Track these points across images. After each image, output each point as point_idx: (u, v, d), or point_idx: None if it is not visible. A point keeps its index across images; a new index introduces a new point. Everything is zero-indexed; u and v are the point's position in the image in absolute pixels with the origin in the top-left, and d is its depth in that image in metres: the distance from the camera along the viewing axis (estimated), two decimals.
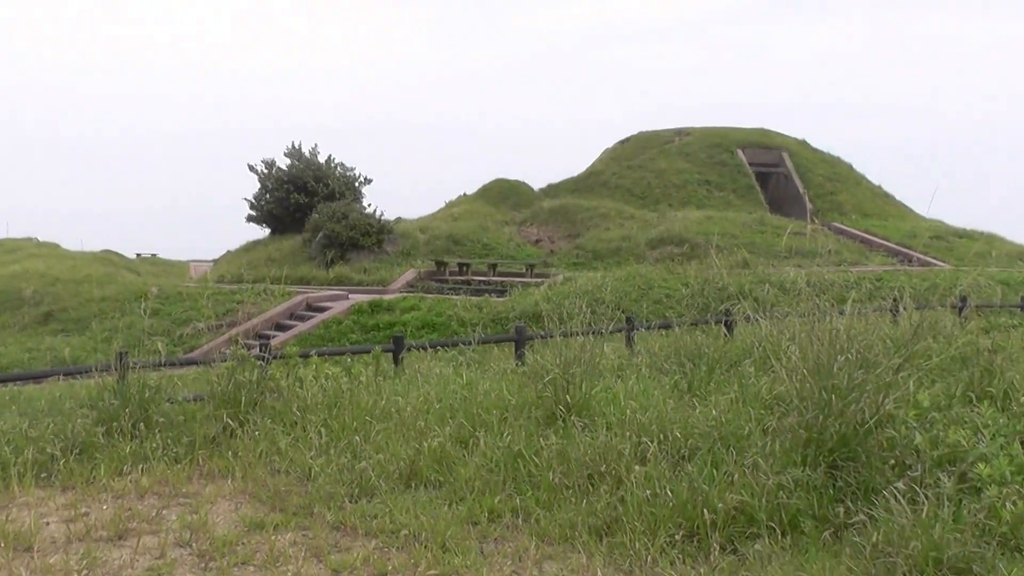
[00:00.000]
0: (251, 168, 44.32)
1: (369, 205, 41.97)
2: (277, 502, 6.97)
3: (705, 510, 5.92)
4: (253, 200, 44.50)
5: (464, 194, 49.58)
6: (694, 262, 29.05)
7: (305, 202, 41.59)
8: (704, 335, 11.30)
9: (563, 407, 8.17)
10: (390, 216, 40.84)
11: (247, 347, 10.25)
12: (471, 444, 7.78)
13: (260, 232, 45.75)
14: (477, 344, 12.78)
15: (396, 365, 11.97)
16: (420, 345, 13.14)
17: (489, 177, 50.12)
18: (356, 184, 45.22)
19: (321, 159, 44.87)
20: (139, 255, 53.92)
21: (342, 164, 45.40)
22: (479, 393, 9.07)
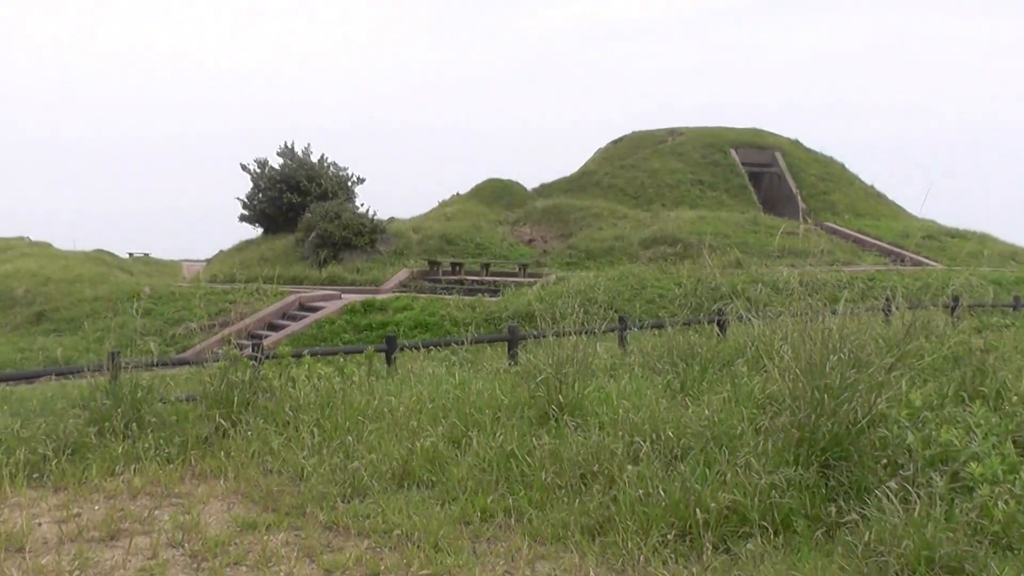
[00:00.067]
0: (244, 167, 44.30)
1: (362, 205, 42.09)
2: (270, 502, 6.97)
3: (698, 509, 5.93)
4: (246, 199, 44.45)
5: (457, 194, 49.57)
6: (687, 262, 29.04)
7: (298, 202, 41.55)
8: (697, 335, 11.30)
9: (556, 407, 8.17)
10: (383, 216, 40.90)
11: (240, 347, 10.21)
12: (464, 444, 7.77)
13: (253, 232, 45.76)
14: (470, 344, 12.77)
15: (389, 365, 11.96)
16: (413, 345, 13.15)
17: (482, 177, 50.23)
18: (349, 184, 45.18)
19: (314, 159, 44.83)
20: (131, 255, 53.74)
21: (335, 164, 45.41)
22: (472, 393, 9.07)
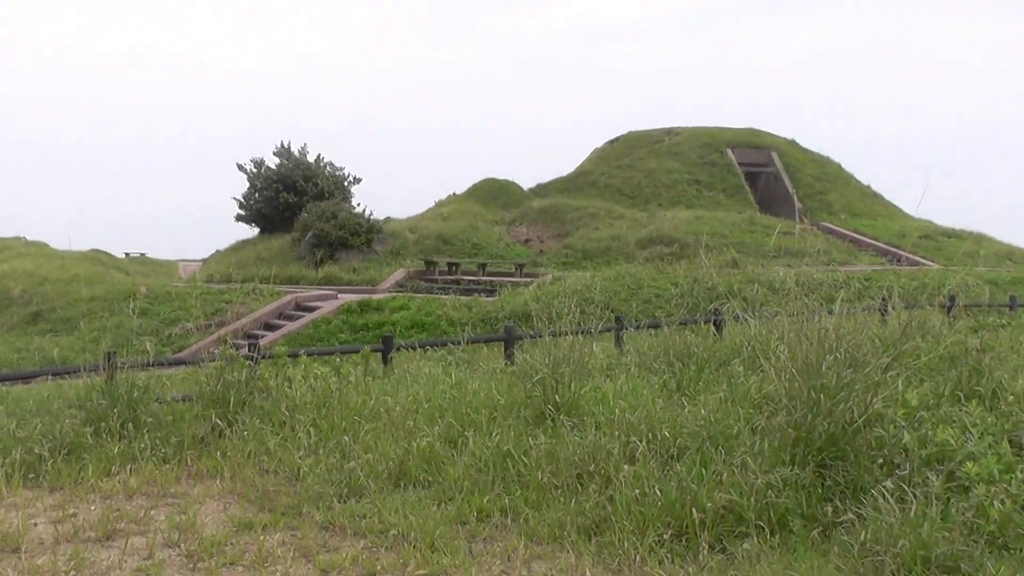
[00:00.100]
0: (240, 167, 44.23)
1: (358, 204, 41.97)
2: (266, 502, 6.96)
3: (694, 509, 5.93)
4: (242, 199, 44.41)
5: (454, 194, 49.56)
6: (683, 262, 29.07)
7: (294, 201, 41.52)
8: (693, 335, 11.31)
9: (552, 407, 8.17)
10: (379, 216, 40.86)
11: (236, 347, 10.20)
12: (460, 444, 7.77)
13: (249, 231, 45.73)
14: (466, 344, 12.78)
15: (385, 365, 11.96)
16: (409, 345, 13.15)
17: (479, 177, 50.20)
18: (345, 183, 45.15)
19: (310, 159, 44.80)
20: (128, 254, 53.71)
21: (331, 163, 45.36)
22: (468, 393, 9.07)
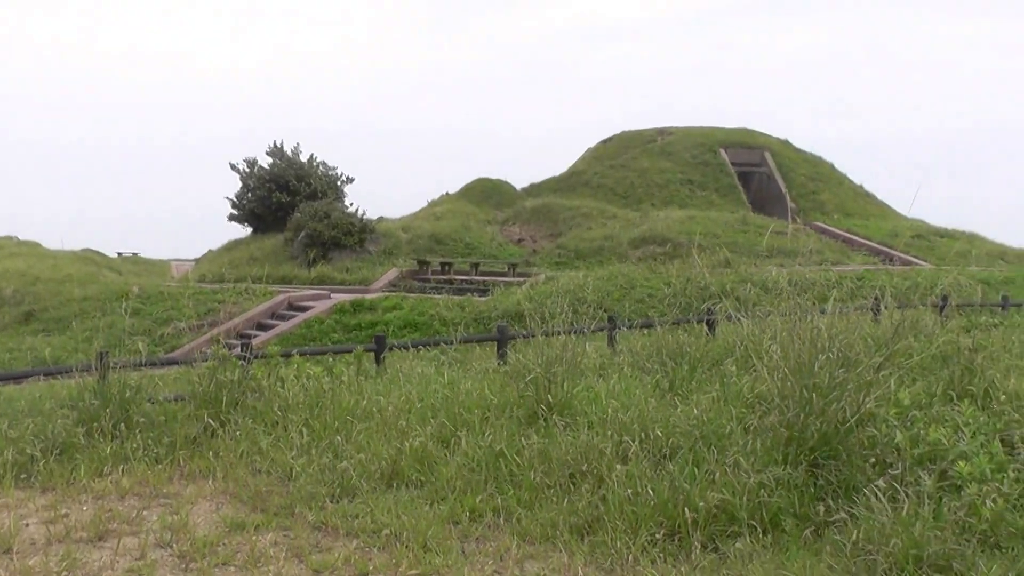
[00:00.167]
0: (233, 167, 44.10)
1: (351, 204, 41.90)
2: (258, 502, 6.96)
3: (686, 509, 5.94)
4: (235, 199, 44.29)
5: (446, 193, 49.51)
6: (676, 261, 29.05)
7: (287, 201, 41.42)
8: (686, 334, 11.31)
9: (545, 406, 8.17)
10: (372, 215, 40.79)
11: (228, 347, 10.20)
12: (453, 444, 7.77)
13: (242, 231, 45.54)
14: (459, 343, 12.78)
15: (378, 365, 11.95)
16: (402, 344, 13.13)
17: (472, 177, 50.16)
18: (338, 183, 45.05)
19: (303, 158, 44.71)
20: (120, 254, 53.50)
21: (324, 163, 45.25)
22: (461, 393, 9.06)
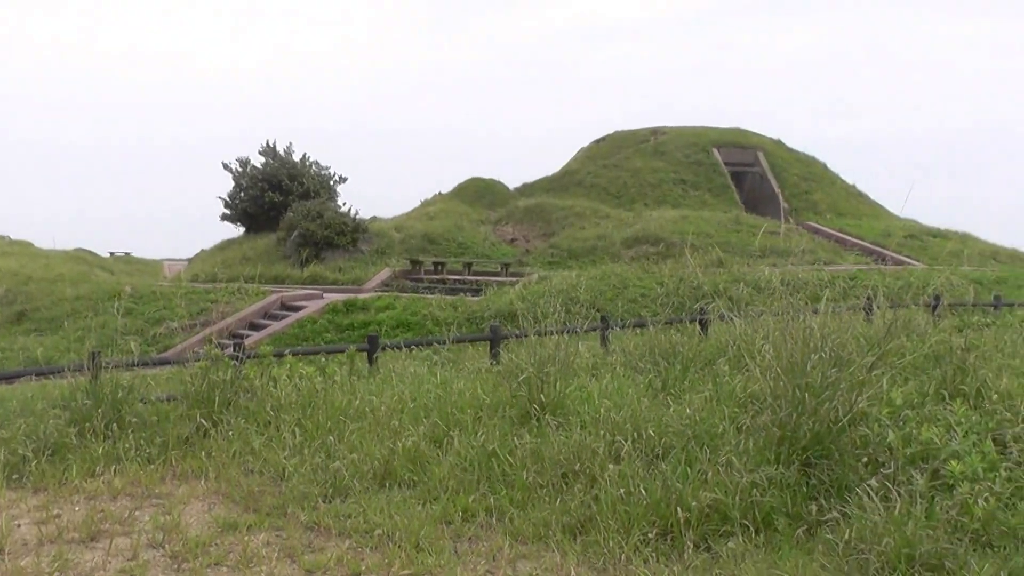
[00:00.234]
0: (225, 166, 44.07)
1: (344, 204, 41.85)
2: (250, 502, 6.94)
3: (679, 508, 5.94)
4: (227, 198, 44.24)
5: (439, 193, 49.47)
6: (669, 261, 29.09)
7: (280, 201, 41.37)
8: (679, 334, 11.32)
9: (537, 406, 8.17)
10: (365, 215, 40.77)
11: (221, 347, 10.19)
12: (445, 443, 7.76)
13: (234, 231, 45.53)
14: (452, 343, 12.76)
15: (370, 364, 11.95)
16: (395, 344, 13.12)
17: (465, 176, 50.13)
18: (331, 183, 45.02)
19: (296, 158, 44.67)
20: (112, 254, 53.38)
21: (317, 163, 45.20)
22: (453, 392, 9.06)
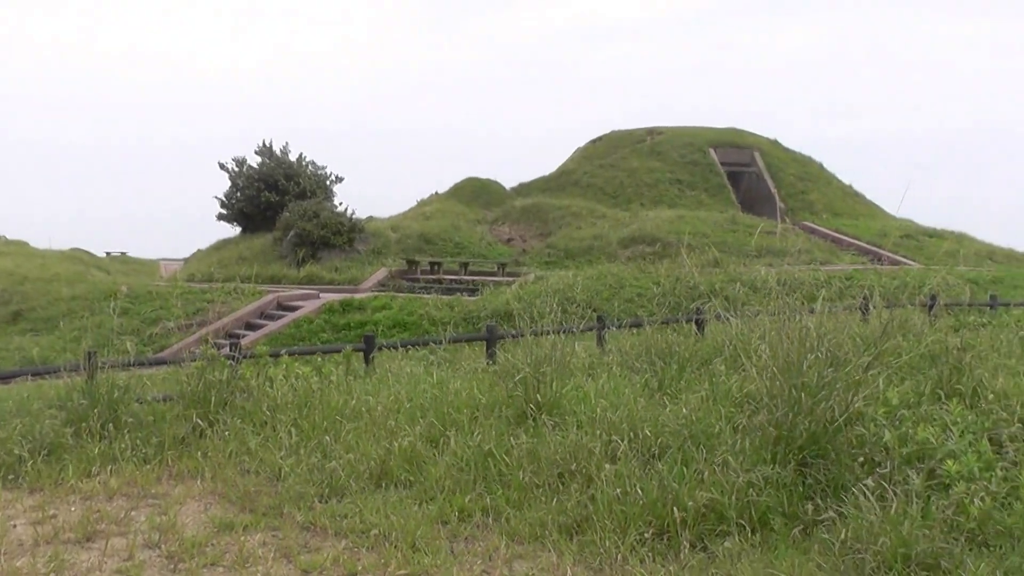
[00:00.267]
0: (222, 166, 44.05)
1: (340, 204, 41.87)
2: (247, 502, 6.93)
3: (675, 508, 5.94)
4: (224, 198, 44.21)
5: (436, 193, 49.45)
6: (666, 261, 29.11)
7: (276, 200, 41.33)
8: (675, 334, 11.32)
9: (534, 406, 8.16)
10: (361, 215, 40.75)
11: (217, 346, 10.17)
12: (441, 443, 7.76)
13: (231, 230, 45.45)
14: (448, 343, 12.75)
15: (367, 364, 11.94)
16: (391, 344, 13.10)
17: (461, 176, 50.13)
18: (327, 183, 44.99)
19: (292, 157, 44.64)
20: (109, 253, 53.32)
21: (313, 163, 45.19)
22: (450, 392, 9.04)
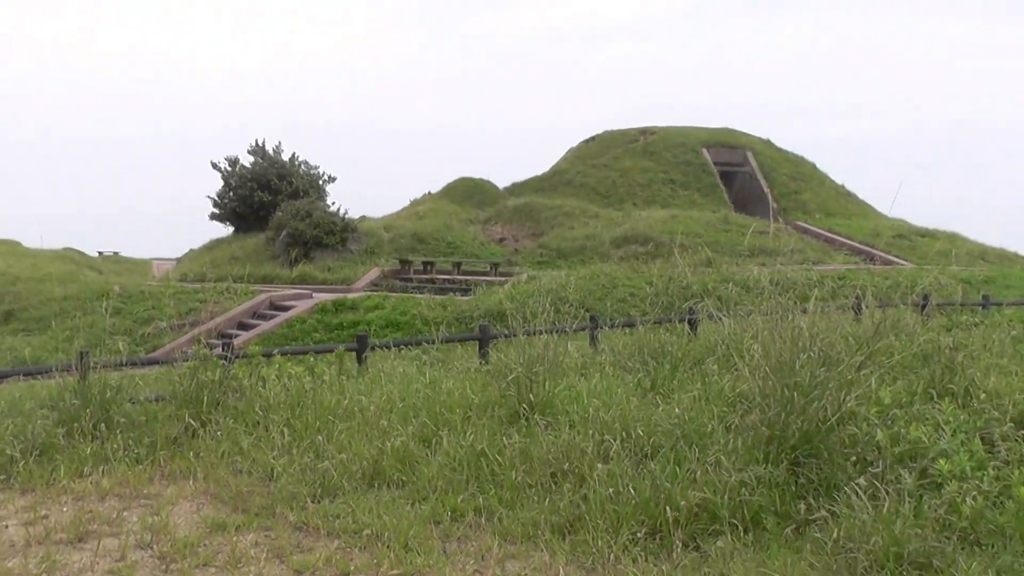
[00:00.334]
0: (214, 166, 43.99)
1: (333, 203, 41.84)
2: (239, 503, 6.93)
3: (668, 507, 5.94)
4: (216, 198, 44.16)
5: (429, 193, 49.42)
6: (658, 261, 29.12)
7: (269, 200, 41.30)
8: (668, 333, 11.33)
9: (526, 406, 8.16)
10: (354, 214, 40.71)
11: (210, 346, 10.16)
12: (434, 443, 7.76)
13: (223, 230, 45.43)
14: (441, 343, 12.76)
15: (359, 364, 11.93)
16: (384, 344, 13.11)
17: (454, 176, 50.12)
18: (320, 182, 44.98)
19: (285, 157, 44.60)
20: (101, 253, 53.28)
21: (306, 162, 45.16)
22: (442, 392, 9.05)
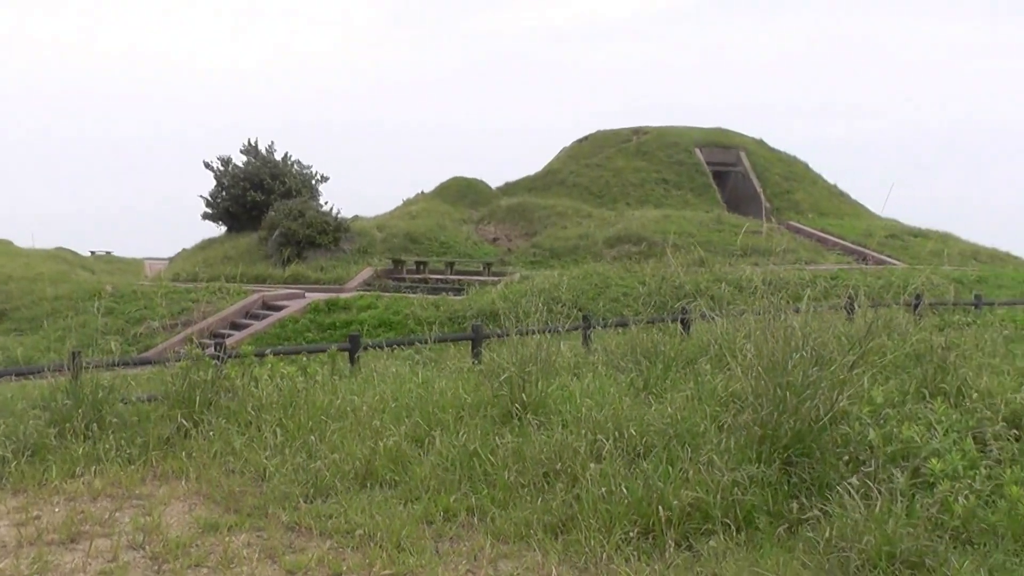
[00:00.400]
0: (207, 165, 43.96)
1: (326, 203, 41.88)
2: (231, 503, 6.91)
3: (660, 507, 5.94)
4: (209, 197, 44.12)
5: (422, 192, 49.42)
6: (651, 260, 29.15)
7: (261, 200, 41.27)
8: (661, 333, 11.33)
9: (519, 405, 8.16)
10: (347, 214, 40.73)
11: (202, 346, 10.14)
12: (427, 443, 7.75)
13: (216, 230, 45.37)
14: (434, 343, 12.75)
15: (352, 364, 11.92)
16: (376, 344, 13.09)
17: (447, 175, 50.11)
18: (313, 182, 44.97)
19: (278, 156, 44.57)
20: (93, 253, 53.18)
21: (299, 162, 45.17)
22: (435, 392, 9.04)
